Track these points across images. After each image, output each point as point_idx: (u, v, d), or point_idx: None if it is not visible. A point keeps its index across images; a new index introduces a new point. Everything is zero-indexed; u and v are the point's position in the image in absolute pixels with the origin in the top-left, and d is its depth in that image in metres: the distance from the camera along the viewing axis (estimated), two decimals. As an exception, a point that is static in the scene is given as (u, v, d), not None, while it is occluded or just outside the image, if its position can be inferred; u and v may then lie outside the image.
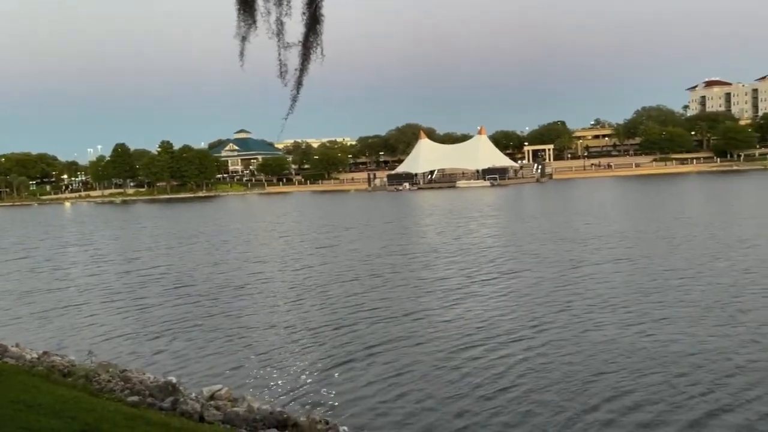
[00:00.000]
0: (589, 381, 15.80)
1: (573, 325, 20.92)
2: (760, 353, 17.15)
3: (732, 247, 35.01)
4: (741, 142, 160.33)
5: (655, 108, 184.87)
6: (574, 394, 15.01)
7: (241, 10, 9.34)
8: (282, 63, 9.62)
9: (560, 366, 17.03)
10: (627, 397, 14.73)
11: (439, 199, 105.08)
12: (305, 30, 9.51)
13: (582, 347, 18.56)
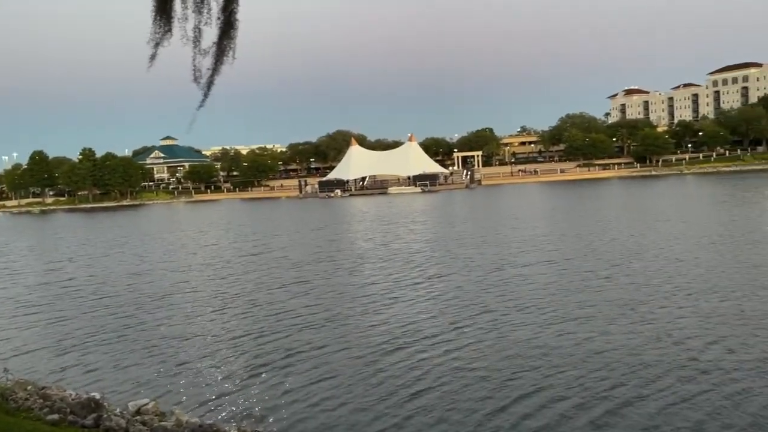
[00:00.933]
0: (507, 379, 16.19)
1: (494, 327, 21.36)
2: (666, 349, 17.96)
3: (646, 249, 36.55)
4: (659, 148, 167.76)
5: (578, 115, 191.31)
6: (492, 392, 15.36)
7: (157, 16, 9.23)
8: (197, 68, 9.58)
9: (480, 366, 17.36)
10: (542, 393, 15.17)
11: (371, 205, 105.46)
12: (219, 34, 9.47)
13: (502, 347, 18.98)
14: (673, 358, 17.12)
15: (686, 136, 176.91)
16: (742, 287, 24.90)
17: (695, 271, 28.93)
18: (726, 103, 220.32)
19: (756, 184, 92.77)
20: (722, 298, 23.34)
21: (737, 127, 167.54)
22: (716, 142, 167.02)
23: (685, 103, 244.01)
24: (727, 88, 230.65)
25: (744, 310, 21.45)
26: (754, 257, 31.43)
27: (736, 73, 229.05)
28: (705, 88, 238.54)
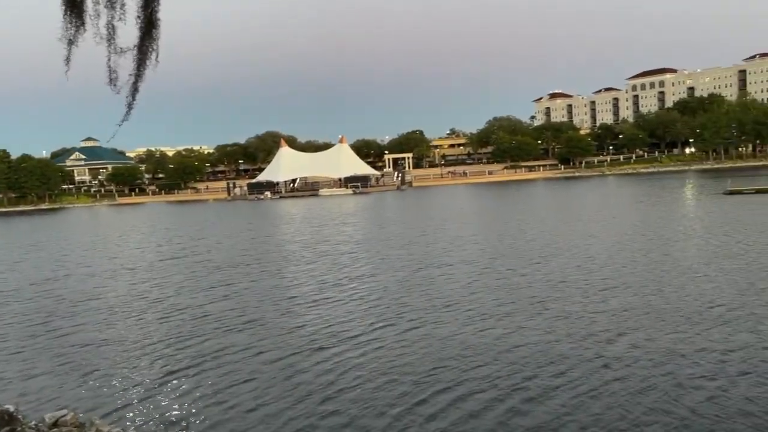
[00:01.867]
0: (425, 377, 16.39)
1: (416, 326, 21.58)
2: (577, 344, 18.59)
3: (564, 247, 37.68)
4: (582, 150, 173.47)
5: (505, 118, 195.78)
6: (409, 390, 15.51)
7: (67, 12, 8.56)
8: (112, 69, 8.85)
9: (398, 365, 17.50)
10: (458, 389, 15.43)
11: (301, 207, 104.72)
12: (140, 35, 8.95)
13: (422, 346, 19.19)
14: (582, 352, 17.73)
15: (607, 138, 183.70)
16: (650, 284, 26.02)
17: (609, 268, 30.03)
18: (644, 106, 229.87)
19: (671, 184, 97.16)
20: (632, 294, 24.30)
21: (655, 130, 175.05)
22: (635, 145, 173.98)
23: (606, 106, 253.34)
24: (645, 92, 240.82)
25: (651, 306, 22.38)
26: (663, 255, 32.88)
27: (653, 78, 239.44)
28: (625, 92, 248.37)
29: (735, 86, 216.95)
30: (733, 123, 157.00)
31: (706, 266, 28.92)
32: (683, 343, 17.91)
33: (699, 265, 29.39)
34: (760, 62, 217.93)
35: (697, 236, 38.90)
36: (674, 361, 16.49)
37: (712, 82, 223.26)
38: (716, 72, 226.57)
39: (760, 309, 20.95)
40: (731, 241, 35.91)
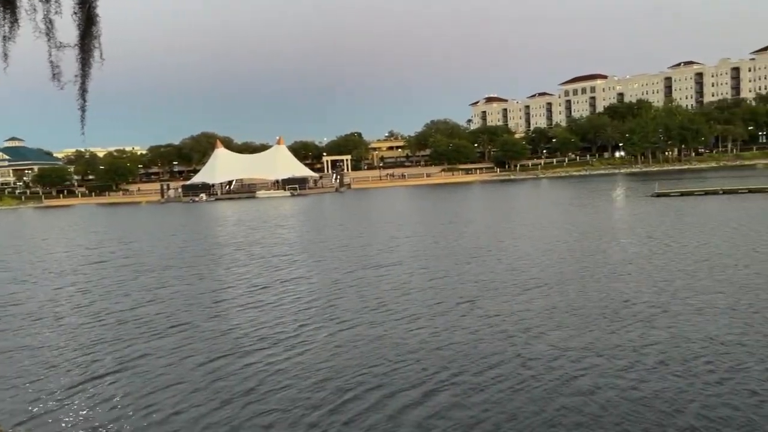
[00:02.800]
0: (353, 377, 16.43)
1: (345, 327, 21.60)
2: (501, 342, 19.02)
3: (496, 248, 38.39)
4: (517, 154, 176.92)
5: (443, 121, 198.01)
6: (336, 391, 15.53)
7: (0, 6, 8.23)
8: (54, 65, 8.52)
9: (326, 367, 17.49)
10: (384, 388, 15.54)
11: (237, 209, 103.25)
12: (80, 32, 8.61)
13: (351, 347, 19.22)
14: (506, 350, 18.13)
15: (541, 142, 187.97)
16: (575, 283, 26.81)
17: (536, 268, 30.77)
18: (576, 111, 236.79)
19: (602, 187, 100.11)
20: (557, 293, 24.98)
21: (586, 134, 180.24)
22: (568, 148, 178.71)
23: (540, 111, 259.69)
24: (577, 97, 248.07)
25: (574, 305, 23.06)
26: (589, 256, 33.89)
27: (584, 84, 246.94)
28: (558, 97, 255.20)
29: (662, 93, 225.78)
30: (660, 128, 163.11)
31: (629, 265, 29.96)
32: (601, 341, 18.51)
33: (623, 264, 30.41)
34: (684, 70, 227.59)
35: (624, 237, 40.21)
36: (591, 358, 17.01)
37: (641, 89, 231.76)
38: (644, 79, 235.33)
39: (676, 307, 21.84)
40: (656, 241, 37.31)
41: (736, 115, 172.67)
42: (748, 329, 18.70)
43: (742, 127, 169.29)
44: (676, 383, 14.91)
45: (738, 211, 50.73)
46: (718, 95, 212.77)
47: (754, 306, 21.24)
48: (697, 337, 18.21)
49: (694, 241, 36.46)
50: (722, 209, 53.39)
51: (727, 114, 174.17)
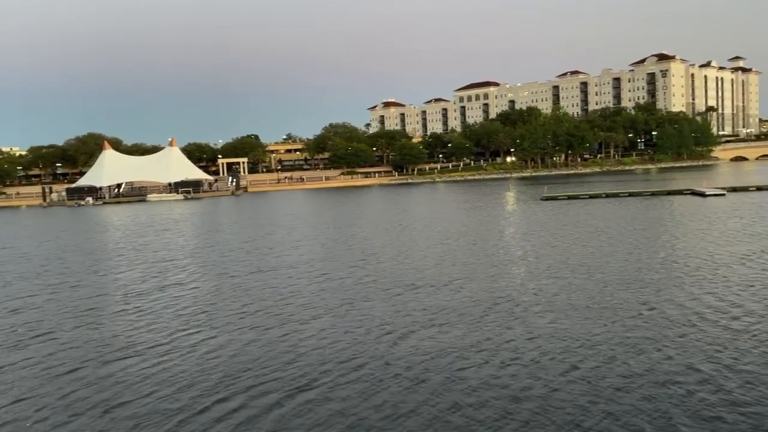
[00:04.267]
0: (219, 382, 16.35)
1: (221, 332, 21.39)
2: (368, 344, 19.43)
3: (385, 251, 38.83)
4: (414, 158, 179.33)
5: (341, 125, 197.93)
6: (200, 396, 15.37)
7: None
8: None
9: (193, 372, 17.26)
10: (249, 392, 15.54)
11: (126, 213, 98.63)
12: None
13: (222, 352, 19.13)
14: (373, 351, 18.53)
15: (438, 147, 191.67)
16: (453, 283, 27.66)
17: (422, 270, 31.46)
18: (470, 117, 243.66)
19: (495, 191, 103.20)
20: (434, 294, 25.76)
21: (480, 139, 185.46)
22: (463, 153, 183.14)
23: (436, 116, 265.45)
24: (471, 104, 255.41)
25: (444, 305, 23.84)
26: (474, 257, 35.00)
27: (478, 90, 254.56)
28: (453, 103, 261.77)
29: (550, 100, 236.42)
30: (549, 134, 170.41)
31: (512, 266, 31.20)
32: (462, 339, 19.24)
33: (506, 265, 31.65)
34: (570, 79, 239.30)
35: (512, 239, 41.53)
36: (449, 356, 17.64)
37: (530, 96, 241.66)
38: (533, 87, 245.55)
39: (538, 306, 23.02)
40: (542, 242, 38.76)
41: (618, 122, 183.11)
42: (611, 327, 19.97)
43: (623, 134, 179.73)
44: (522, 378, 15.73)
45: (619, 214, 53.65)
46: (601, 104, 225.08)
47: (623, 305, 22.62)
48: (561, 335, 19.23)
49: (578, 241, 38.02)
50: (605, 211, 56.38)
51: (609, 122, 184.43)
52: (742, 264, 28.29)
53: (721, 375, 14.95)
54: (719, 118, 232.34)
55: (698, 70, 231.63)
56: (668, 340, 17.75)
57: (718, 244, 34.13)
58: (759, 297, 22.02)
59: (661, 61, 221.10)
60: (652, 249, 33.73)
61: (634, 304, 21.88)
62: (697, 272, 26.95)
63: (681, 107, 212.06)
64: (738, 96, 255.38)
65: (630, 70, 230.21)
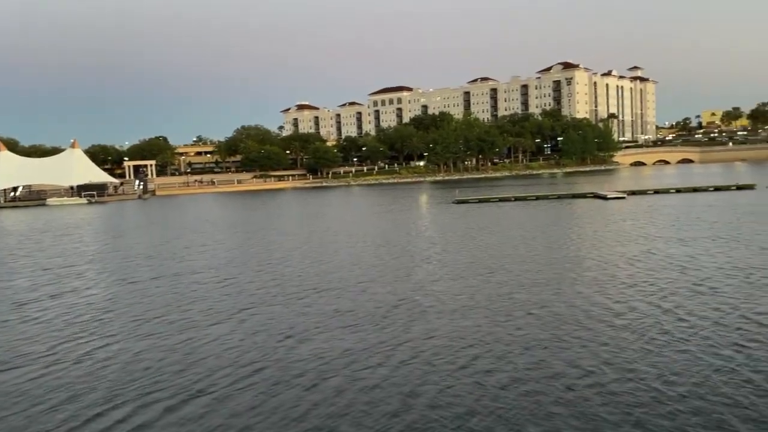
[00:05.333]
0: (108, 391, 15.81)
1: (115, 341, 20.67)
2: (266, 348, 19.29)
3: (290, 253, 38.62)
4: (328, 161, 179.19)
5: (254, 127, 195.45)
6: (81, 408, 14.83)
7: None
8: None
9: (77, 383, 16.64)
10: (137, 400, 15.11)
11: (22, 218, 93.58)
12: None
13: (113, 362, 18.47)
14: (271, 354, 18.43)
15: (352, 150, 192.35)
16: (357, 287, 27.86)
17: (328, 273, 31.53)
18: (384, 121, 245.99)
19: (409, 194, 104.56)
20: (336, 297, 25.85)
21: (394, 143, 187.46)
22: (377, 157, 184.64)
23: (350, 120, 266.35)
24: (385, 108, 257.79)
25: (342, 308, 24.01)
26: (380, 259, 35.46)
27: (392, 95, 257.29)
28: (367, 107, 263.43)
29: (461, 106, 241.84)
30: (461, 139, 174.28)
31: (419, 268, 31.64)
32: (362, 341, 19.45)
33: (412, 267, 32.03)
34: (481, 85, 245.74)
35: (423, 241, 42.22)
36: (347, 358, 17.81)
37: (443, 101, 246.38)
38: (445, 92, 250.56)
39: (438, 307, 23.54)
40: (451, 244, 39.56)
41: (526, 128, 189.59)
42: (504, 326, 20.65)
43: (531, 140, 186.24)
44: (415, 378, 16.07)
45: (527, 216, 55.57)
46: (510, 110, 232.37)
47: (519, 305, 23.43)
48: (456, 335, 19.76)
49: (485, 244, 39.08)
50: (514, 214, 58.34)
51: (518, 127, 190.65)
52: (631, 264, 29.87)
53: (600, 370, 15.73)
54: (620, 124, 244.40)
55: (600, 79, 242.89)
56: (556, 338, 18.52)
57: (612, 246, 35.90)
58: (641, 295, 23.31)
59: (566, 69, 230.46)
60: (553, 250, 35.10)
61: (528, 304, 22.70)
62: (590, 272, 28.25)
63: (585, 114, 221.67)
64: (637, 104, 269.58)
65: (537, 77, 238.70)
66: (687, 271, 27.35)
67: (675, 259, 30.39)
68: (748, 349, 16.65)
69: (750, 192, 70.57)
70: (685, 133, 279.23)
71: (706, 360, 16.04)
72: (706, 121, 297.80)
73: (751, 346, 16.84)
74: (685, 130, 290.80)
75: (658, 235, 39.36)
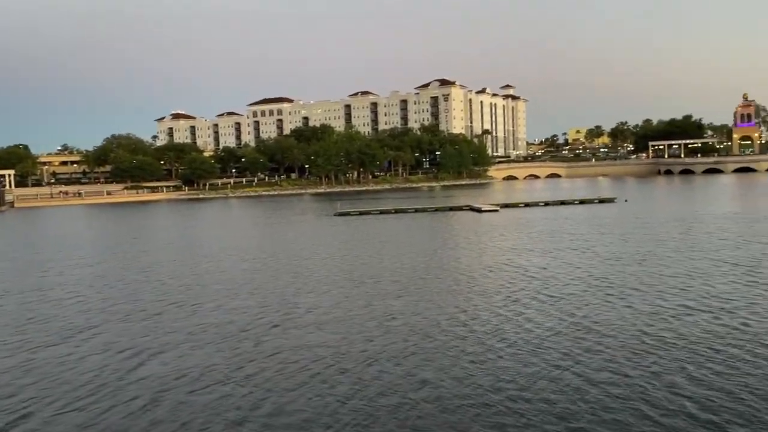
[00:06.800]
0: None
1: None
2: (99, 367, 18.43)
3: (153, 269, 37.24)
4: (205, 172, 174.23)
5: (125, 136, 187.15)
6: None
7: None
8: None
9: None
10: None
11: None
12: None
13: None
14: (111, 372, 17.65)
15: (231, 161, 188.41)
16: (225, 299, 27.24)
17: (185, 288, 30.67)
18: (264, 132, 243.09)
19: (290, 206, 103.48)
20: (211, 310, 25.28)
21: (274, 155, 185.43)
22: (257, 168, 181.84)
23: (229, 130, 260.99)
24: (265, 119, 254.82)
25: (203, 324, 23.46)
26: (251, 273, 34.63)
27: (272, 106, 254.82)
28: (246, 117, 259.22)
29: (342, 118, 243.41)
30: (342, 152, 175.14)
31: (289, 281, 31.30)
32: (207, 359, 19.04)
33: (282, 280, 31.74)
34: (361, 99, 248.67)
35: (301, 254, 41.97)
36: (187, 377, 17.39)
37: (324, 114, 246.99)
38: (327, 105, 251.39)
39: (296, 321, 23.48)
40: (329, 257, 39.74)
41: (406, 142, 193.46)
42: (356, 339, 20.83)
43: (410, 153, 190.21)
44: (256, 396, 15.93)
45: (405, 228, 56.84)
46: (390, 123, 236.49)
47: (379, 316, 23.68)
48: (305, 349, 19.75)
49: (362, 255, 39.61)
50: (393, 226, 59.49)
51: (398, 141, 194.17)
52: (489, 275, 31.19)
53: (437, 379, 16.21)
54: (493, 140, 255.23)
55: (475, 96, 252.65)
56: (401, 349, 18.90)
57: (477, 257, 37.44)
58: (489, 305, 24.32)
59: (443, 86, 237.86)
60: (422, 262, 35.98)
61: (383, 316, 23.08)
62: (451, 283, 29.25)
63: (461, 129, 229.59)
64: (509, 120, 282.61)
65: (416, 93, 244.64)
66: (537, 281, 28.82)
67: (530, 270, 31.96)
68: (577, 356, 17.69)
69: (611, 205, 75.54)
70: (553, 149, 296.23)
71: (536, 366, 16.90)
72: (571, 138, 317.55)
73: (578, 353, 17.92)
74: (553, 146, 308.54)
75: (523, 246, 41.23)
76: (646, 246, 38.53)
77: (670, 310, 22.14)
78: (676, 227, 48.02)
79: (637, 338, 18.97)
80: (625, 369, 16.32)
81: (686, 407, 13.78)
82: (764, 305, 22.34)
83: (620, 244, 40.30)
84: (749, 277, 27.37)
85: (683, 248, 36.97)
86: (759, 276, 27.59)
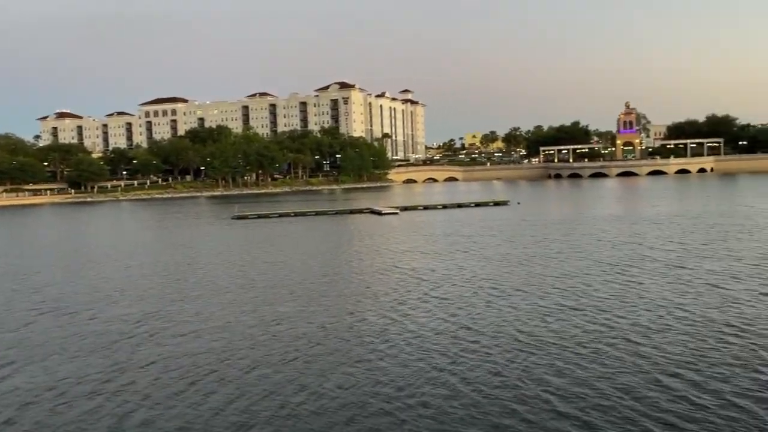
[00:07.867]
0: None
1: None
2: None
3: (19, 280, 34.94)
4: (94, 174, 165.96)
5: (4, 136, 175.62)
6: None
7: None
8: None
9: None
10: None
11: None
12: None
13: None
14: None
15: (122, 163, 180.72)
16: (101, 305, 26.03)
17: (57, 298, 29.19)
18: (158, 133, 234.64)
19: (185, 210, 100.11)
20: (67, 322, 24.04)
21: (168, 156, 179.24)
22: (150, 170, 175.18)
23: (119, 130, 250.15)
24: (158, 119, 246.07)
25: (75, 334, 22.34)
26: (129, 279, 33.25)
27: (165, 106, 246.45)
28: (138, 117, 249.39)
29: (240, 120, 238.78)
30: (240, 153, 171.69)
31: (172, 287, 30.30)
32: (78, 370, 18.22)
33: (164, 286, 30.59)
34: (260, 100, 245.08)
35: (191, 260, 40.82)
36: (53, 391, 16.60)
37: (220, 115, 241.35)
38: (223, 105, 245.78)
39: (174, 329, 22.89)
40: (222, 262, 38.73)
41: (306, 144, 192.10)
42: (237, 346, 20.44)
43: (310, 156, 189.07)
44: (128, 407, 15.38)
45: (305, 231, 56.55)
46: (289, 126, 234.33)
47: (259, 324, 23.35)
48: (180, 357, 19.25)
49: (257, 260, 39.00)
50: (292, 230, 58.95)
51: (298, 143, 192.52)
52: (381, 277, 31.48)
53: (318, 383, 16.20)
54: (393, 144, 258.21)
55: (375, 100, 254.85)
56: (286, 354, 18.73)
57: (368, 260, 37.62)
58: (375, 307, 24.53)
59: (343, 89, 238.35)
60: (316, 265, 35.92)
61: (266, 323, 22.77)
62: (342, 286, 29.33)
63: (361, 132, 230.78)
64: (408, 125, 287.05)
65: (315, 95, 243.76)
66: (426, 283, 29.37)
67: (421, 272, 32.54)
68: (455, 355, 18.12)
69: (505, 207, 78.02)
70: (451, 153, 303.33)
71: (415, 366, 17.17)
72: (468, 142, 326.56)
73: (456, 352, 18.37)
74: (451, 150, 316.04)
75: (417, 249, 41.86)
76: (533, 248, 40.09)
77: (546, 309, 23.11)
78: (562, 229, 50.28)
79: (513, 337, 19.68)
80: (499, 367, 16.88)
81: (551, 401, 14.41)
82: (633, 303, 23.73)
83: (509, 246, 41.72)
84: (623, 277, 29.02)
85: (566, 249, 38.73)
86: (631, 275, 29.32)
